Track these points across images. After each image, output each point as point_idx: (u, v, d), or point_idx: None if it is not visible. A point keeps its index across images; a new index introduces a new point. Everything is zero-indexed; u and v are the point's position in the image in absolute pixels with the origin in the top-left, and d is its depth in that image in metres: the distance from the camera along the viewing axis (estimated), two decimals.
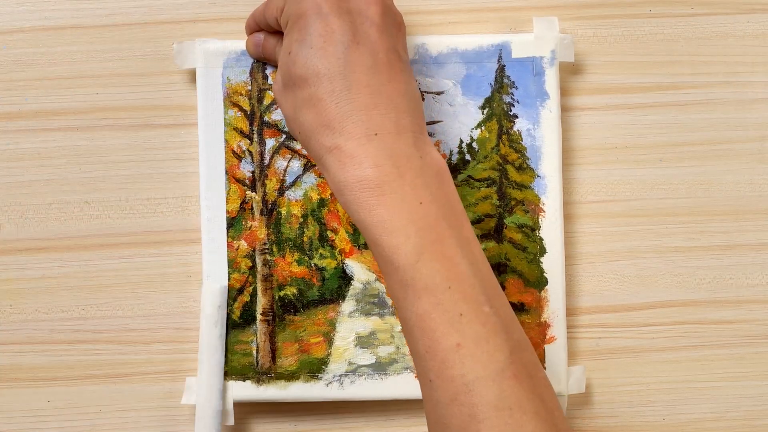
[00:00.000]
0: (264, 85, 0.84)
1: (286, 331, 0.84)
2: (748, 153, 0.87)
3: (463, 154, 0.84)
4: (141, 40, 0.86)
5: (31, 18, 0.86)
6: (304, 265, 0.85)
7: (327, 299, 0.85)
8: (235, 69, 0.84)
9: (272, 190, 0.84)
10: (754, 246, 0.87)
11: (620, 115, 0.87)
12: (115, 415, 0.87)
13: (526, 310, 0.84)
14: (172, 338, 0.87)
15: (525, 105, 0.84)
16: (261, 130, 0.84)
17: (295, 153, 0.84)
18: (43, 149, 0.86)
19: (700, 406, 0.88)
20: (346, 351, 0.85)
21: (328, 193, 0.84)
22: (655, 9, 0.86)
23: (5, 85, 0.86)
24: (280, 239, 0.84)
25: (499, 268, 0.84)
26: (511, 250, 0.84)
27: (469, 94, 0.84)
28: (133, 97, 0.86)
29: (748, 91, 0.86)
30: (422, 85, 0.84)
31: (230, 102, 0.84)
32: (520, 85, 0.84)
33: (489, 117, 0.84)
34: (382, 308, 0.85)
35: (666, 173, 0.87)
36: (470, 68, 0.84)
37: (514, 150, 0.84)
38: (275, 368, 0.84)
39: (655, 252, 0.87)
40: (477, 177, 0.85)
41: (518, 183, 0.84)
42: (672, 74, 0.87)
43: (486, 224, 0.85)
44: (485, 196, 0.85)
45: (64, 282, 0.86)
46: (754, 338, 0.87)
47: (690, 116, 0.87)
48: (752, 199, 0.87)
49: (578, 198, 0.86)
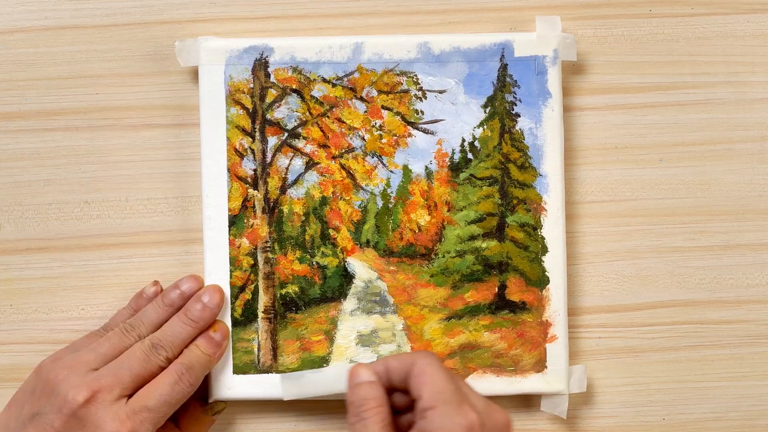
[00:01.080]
0: (266, 83, 0.84)
1: (288, 329, 0.84)
2: (748, 153, 0.87)
3: (465, 153, 0.85)
4: (141, 40, 0.86)
5: (31, 18, 0.86)
6: (306, 263, 0.85)
7: (328, 297, 0.85)
8: (237, 67, 0.84)
9: (274, 188, 0.84)
10: (754, 246, 0.87)
11: (620, 115, 0.87)
12: None
13: (527, 309, 0.84)
14: None
15: (527, 104, 0.84)
16: (263, 128, 0.84)
17: (297, 151, 0.84)
18: (43, 149, 0.86)
19: (700, 406, 0.88)
20: (347, 349, 0.85)
21: (330, 191, 0.85)
22: (655, 9, 0.86)
23: (5, 85, 0.86)
24: (282, 237, 0.84)
25: (500, 267, 0.85)
26: (512, 249, 0.85)
27: (471, 92, 0.84)
28: (133, 97, 0.86)
29: (748, 91, 0.87)
30: (425, 83, 0.84)
31: (232, 100, 0.84)
32: (523, 83, 0.84)
33: (491, 116, 0.84)
34: (383, 306, 0.85)
35: (666, 173, 0.87)
36: (473, 67, 0.84)
37: (517, 149, 0.84)
38: (277, 366, 0.84)
39: (655, 252, 0.87)
40: (479, 176, 0.85)
41: (520, 182, 0.84)
42: (672, 74, 0.87)
43: (488, 223, 0.85)
44: (487, 194, 0.85)
45: (64, 282, 0.86)
46: (754, 338, 0.87)
47: (690, 116, 0.87)
48: (752, 199, 0.87)
49: (578, 198, 0.87)
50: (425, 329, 0.85)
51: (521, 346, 0.85)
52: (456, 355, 0.85)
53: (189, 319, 0.81)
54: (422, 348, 0.84)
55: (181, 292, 0.83)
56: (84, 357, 0.79)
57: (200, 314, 0.82)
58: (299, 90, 0.84)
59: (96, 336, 0.82)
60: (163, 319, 0.82)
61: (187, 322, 0.81)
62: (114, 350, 0.80)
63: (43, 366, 0.79)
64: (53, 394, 0.77)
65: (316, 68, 0.84)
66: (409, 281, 0.85)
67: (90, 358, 0.79)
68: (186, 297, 0.83)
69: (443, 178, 0.85)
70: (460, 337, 0.85)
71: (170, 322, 0.81)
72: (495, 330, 0.85)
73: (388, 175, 0.85)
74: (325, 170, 0.85)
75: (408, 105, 0.84)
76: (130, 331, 0.81)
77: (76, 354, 0.79)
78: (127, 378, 0.78)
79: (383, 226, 0.85)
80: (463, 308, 0.85)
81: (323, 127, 0.84)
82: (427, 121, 0.84)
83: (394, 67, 0.84)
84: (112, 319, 0.84)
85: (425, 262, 0.85)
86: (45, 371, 0.78)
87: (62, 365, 0.78)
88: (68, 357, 0.79)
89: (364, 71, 0.84)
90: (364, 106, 0.84)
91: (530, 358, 0.84)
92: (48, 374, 0.78)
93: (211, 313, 0.82)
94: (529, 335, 0.85)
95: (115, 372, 0.78)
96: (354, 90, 0.84)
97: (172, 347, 0.80)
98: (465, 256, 0.85)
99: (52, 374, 0.78)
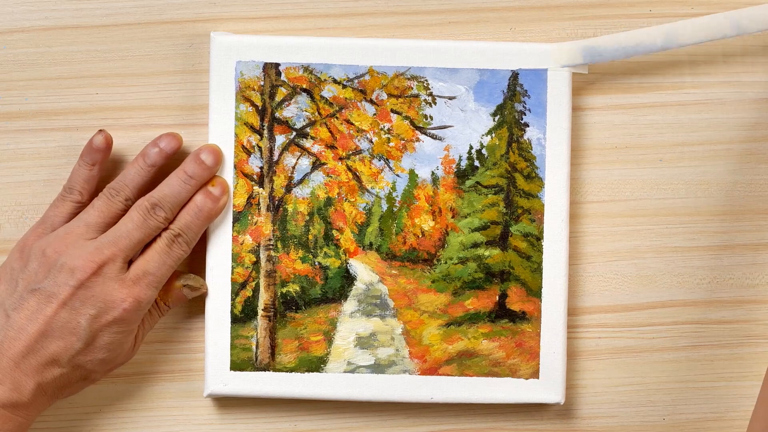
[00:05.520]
0: (276, 81, 0.84)
1: (287, 327, 0.85)
2: (748, 153, 0.87)
3: (473, 160, 0.85)
4: (141, 40, 0.86)
5: (31, 18, 0.86)
6: (308, 262, 0.85)
7: (329, 298, 0.85)
8: (248, 64, 0.84)
9: (279, 187, 0.84)
10: (754, 246, 0.87)
11: (620, 115, 0.87)
12: (116, 414, 0.87)
13: (527, 319, 0.85)
14: (173, 338, 0.86)
15: (536, 114, 0.84)
16: (271, 126, 0.84)
17: (305, 150, 0.85)
18: (43, 149, 0.86)
19: (700, 406, 0.88)
20: (345, 351, 0.85)
21: (335, 192, 0.85)
22: (655, 9, 0.86)
23: (5, 85, 0.86)
24: (285, 236, 0.84)
25: (502, 276, 0.85)
26: (515, 258, 0.85)
27: (481, 100, 0.84)
28: (133, 97, 0.86)
29: (748, 91, 0.87)
30: (435, 89, 0.84)
31: (242, 96, 0.84)
32: (533, 93, 0.84)
33: (500, 124, 0.84)
34: (383, 310, 0.85)
35: (666, 173, 0.87)
36: (483, 75, 0.84)
37: (524, 159, 0.84)
38: (274, 364, 0.84)
39: (655, 252, 0.87)
40: (485, 183, 0.85)
41: (526, 191, 0.84)
42: (672, 74, 0.87)
43: (492, 231, 0.85)
44: (492, 203, 0.85)
45: None
46: (754, 338, 0.87)
47: (690, 116, 0.87)
48: (752, 199, 0.87)
49: (578, 198, 0.87)
50: (424, 334, 0.85)
51: (519, 356, 0.85)
52: (453, 361, 0.85)
53: (186, 176, 0.82)
54: (420, 353, 0.84)
55: (160, 150, 0.82)
56: (76, 230, 0.80)
57: (199, 171, 0.82)
58: (309, 90, 0.84)
59: (62, 201, 0.83)
60: (146, 179, 0.82)
61: (185, 180, 0.81)
62: (103, 218, 0.81)
63: (30, 243, 0.81)
64: (54, 269, 0.79)
65: (327, 69, 0.84)
66: (410, 286, 0.85)
67: (82, 230, 0.80)
68: (166, 155, 0.82)
69: (449, 184, 0.85)
70: (459, 344, 0.85)
71: (167, 182, 0.82)
72: (494, 338, 0.85)
73: (394, 179, 0.85)
74: (332, 171, 0.85)
75: (417, 109, 0.84)
76: (116, 196, 0.81)
77: (68, 227, 0.80)
78: (128, 245, 0.80)
79: (387, 229, 0.85)
80: (463, 315, 0.85)
81: (331, 127, 0.85)
82: (435, 127, 0.84)
83: (405, 71, 0.84)
84: (71, 179, 0.83)
85: (427, 267, 0.85)
86: (38, 247, 0.80)
87: (56, 240, 0.80)
88: (60, 231, 0.80)
89: (374, 74, 0.84)
90: (374, 108, 0.84)
91: (527, 368, 0.84)
92: (44, 249, 0.79)
93: (209, 170, 0.82)
94: (527, 345, 0.85)
95: (116, 241, 0.80)
96: (364, 92, 0.84)
97: (171, 207, 0.81)
98: (467, 263, 0.85)
99: (49, 249, 0.79)
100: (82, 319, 0.78)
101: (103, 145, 0.82)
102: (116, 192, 0.81)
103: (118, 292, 0.79)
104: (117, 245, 0.79)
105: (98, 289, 0.79)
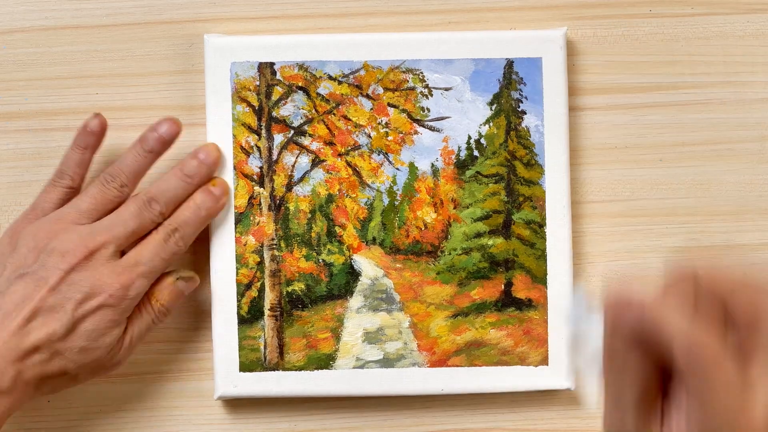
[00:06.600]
0: (272, 81, 0.84)
1: (294, 326, 0.84)
2: (748, 153, 0.87)
3: (471, 150, 0.85)
4: (141, 40, 0.86)
5: (31, 18, 0.86)
6: (312, 260, 0.85)
7: (335, 295, 0.85)
8: (243, 64, 0.84)
9: (280, 186, 0.84)
10: (754, 246, 0.87)
11: (620, 115, 0.87)
12: (116, 415, 0.86)
13: (533, 306, 0.85)
14: (173, 338, 0.86)
15: (533, 101, 0.84)
16: (269, 125, 0.84)
17: (303, 148, 0.85)
18: (43, 149, 0.86)
19: None
20: (354, 347, 0.85)
21: (336, 188, 0.85)
22: (655, 9, 0.86)
23: (5, 85, 0.86)
24: (288, 235, 0.84)
25: (506, 265, 0.85)
26: (519, 246, 0.85)
27: (477, 90, 0.84)
28: (133, 97, 0.86)
29: (748, 91, 0.87)
30: (430, 80, 0.84)
31: (238, 97, 0.84)
32: (529, 81, 0.84)
33: (497, 113, 0.84)
34: (389, 304, 0.85)
35: (666, 173, 0.87)
36: (478, 64, 0.84)
37: (523, 146, 0.84)
38: (283, 363, 0.84)
39: (655, 252, 0.87)
40: (485, 173, 0.85)
41: (526, 179, 0.85)
42: (672, 74, 0.87)
43: (494, 220, 0.85)
44: (493, 192, 0.85)
45: None
46: None
47: (690, 116, 0.87)
48: (752, 199, 0.87)
49: (578, 198, 0.87)
50: (431, 326, 0.85)
51: (527, 343, 0.85)
52: (462, 352, 0.85)
53: (185, 174, 0.81)
54: (428, 345, 0.85)
55: (159, 136, 0.81)
56: (68, 216, 0.79)
57: (196, 170, 0.81)
58: (305, 87, 0.84)
59: (53, 186, 0.81)
60: (144, 166, 0.81)
61: (182, 178, 0.81)
62: (96, 204, 0.80)
63: (19, 228, 0.79)
64: (44, 252, 0.77)
65: (322, 66, 0.84)
66: (416, 279, 0.85)
67: (74, 216, 0.79)
68: (165, 141, 0.81)
69: (449, 175, 0.85)
70: (467, 335, 0.85)
71: (165, 178, 0.81)
72: (501, 327, 0.85)
73: (394, 173, 0.85)
74: (331, 168, 0.85)
75: (414, 102, 0.84)
76: (111, 182, 0.80)
77: (59, 213, 0.79)
78: (122, 234, 0.79)
79: (389, 223, 0.85)
80: (470, 305, 0.85)
81: (329, 124, 0.84)
82: (433, 119, 0.85)
83: (400, 64, 0.84)
84: (63, 164, 0.82)
85: (431, 259, 0.85)
86: (28, 232, 0.78)
87: (47, 225, 0.78)
88: (51, 217, 0.79)
89: (370, 69, 0.84)
90: (370, 103, 0.85)
91: (536, 355, 0.84)
92: (35, 234, 0.78)
93: (208, 169, 0.82)
94: (535, 332, 0.85)
95: (110, 228, 0.78)
96: (360, 87, 0.84)
97: (167, 202, 0.80)
98: (471, 254, 0.85)
99: (40, 234, 0.78)
100: (67, 304, 0.77)
101: (98, 128, 0.81)
102: (112, 178, 0.80)
103: (107, 278, 0.77)
104: (111, 232, 0.78)
105: (88, 273, 0.77)
